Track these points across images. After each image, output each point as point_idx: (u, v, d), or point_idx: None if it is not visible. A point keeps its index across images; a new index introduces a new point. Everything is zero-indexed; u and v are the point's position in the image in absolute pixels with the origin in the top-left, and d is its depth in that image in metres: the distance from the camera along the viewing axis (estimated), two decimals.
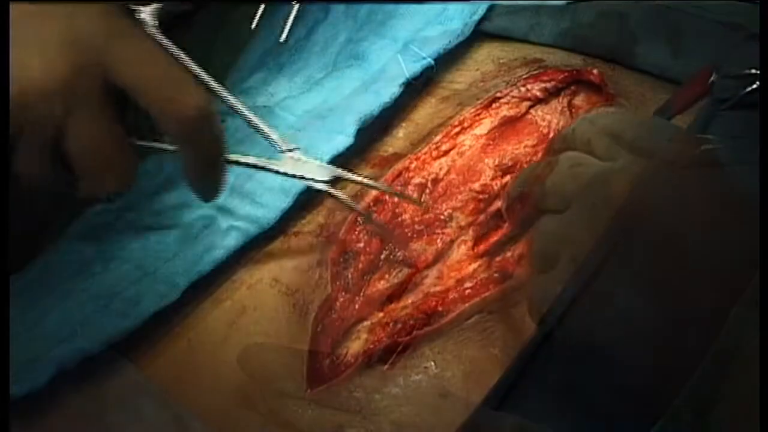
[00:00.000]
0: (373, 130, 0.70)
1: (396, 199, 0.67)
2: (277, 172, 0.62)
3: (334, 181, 0.63)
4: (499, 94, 0.71)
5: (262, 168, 0.62)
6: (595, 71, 0.71)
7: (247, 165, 0.62)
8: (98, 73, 0.51)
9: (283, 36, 0.69)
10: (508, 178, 0.67)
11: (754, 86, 0.65)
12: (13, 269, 0.66)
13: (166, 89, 0.53)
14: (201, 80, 0.61)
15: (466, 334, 0.61)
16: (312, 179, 0.62)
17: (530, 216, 0.53)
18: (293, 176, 0.62)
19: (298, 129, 0.69)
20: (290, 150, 0.63)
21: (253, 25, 0.70)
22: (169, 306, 0.60)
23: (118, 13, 0.54)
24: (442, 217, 0.66)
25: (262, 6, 0.70)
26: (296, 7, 0.70)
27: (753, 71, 0.65)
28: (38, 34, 0.49)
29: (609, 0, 0.73)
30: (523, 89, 0.71)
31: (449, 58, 0.73)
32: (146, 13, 0.60)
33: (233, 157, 0.61)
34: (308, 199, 0.66)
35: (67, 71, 0.50)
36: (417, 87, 0.72)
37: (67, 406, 0.57)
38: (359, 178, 0.63)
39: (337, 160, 0.67)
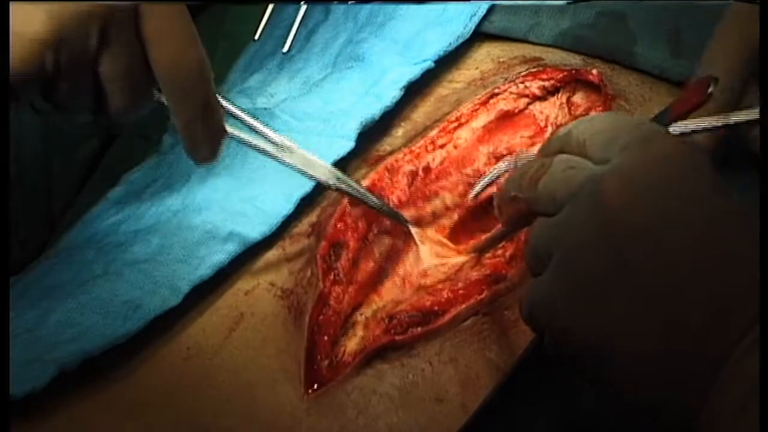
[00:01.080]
0: (373, 131, 0.70)
1: (384, 182, 0.67)
2: (285, 164, 0.62)
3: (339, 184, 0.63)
4: (497, 90, 0.71)
5: (271, 155, 0.62)
6: (594, 71, 0.70)
7: (256, 144, 0.62)
8: (131, 11, 0.52)
9: (286, 46, 0.69)
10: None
11: None
12: (15, 269, 0.66)
13: (173, 40, 0.54)
14: None
15: (462, 336, 0.61)
16: (317, 179, 0.63)
17: (521, 216, 0.53)
18: (302, 172, 0.63)
19: (299, 132, 0.69)
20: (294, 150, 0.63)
21: (257, 36, 0.70)
22: (170, 311, 0.60)
23: None
24: (428, 194, 0.66)
25: (266, 16, 0.70)
26: (302, 12, 0.70)
27: None
28: None
29: (609, 0, 0.73)
30: (521, 86, 0.71)
31: (449, 58, 0.73)
32: None
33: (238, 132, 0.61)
34: (307, 203, 0.67)
35: (104, 6, 0.51)
36: (417, 89, 0.72)
37: (68, 407, 0.57)
38: (358, 187, 0.64)
39: (338, 164, 0.67)
